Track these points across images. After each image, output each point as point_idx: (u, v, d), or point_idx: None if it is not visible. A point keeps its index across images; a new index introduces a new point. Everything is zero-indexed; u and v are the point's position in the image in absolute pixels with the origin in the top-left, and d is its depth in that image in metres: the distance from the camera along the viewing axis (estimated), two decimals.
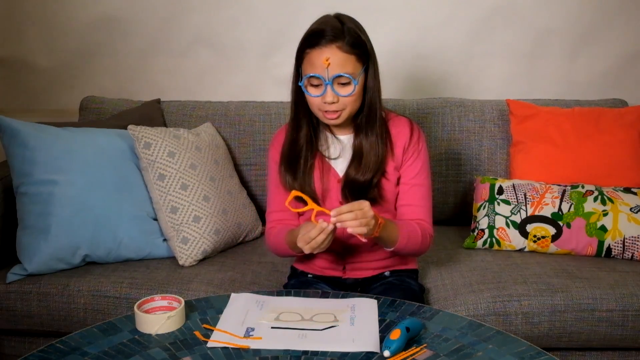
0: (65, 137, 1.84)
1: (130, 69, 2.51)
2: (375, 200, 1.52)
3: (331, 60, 1.40)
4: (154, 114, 2.19)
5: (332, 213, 1.34)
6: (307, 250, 1.38)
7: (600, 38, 2.38)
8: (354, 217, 1.33)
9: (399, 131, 1.56)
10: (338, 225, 1.34)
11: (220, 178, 1.96)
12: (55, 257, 1.74)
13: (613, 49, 2.40)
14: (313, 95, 1.45)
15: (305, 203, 1.41)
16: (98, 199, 1.79)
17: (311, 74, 1.43)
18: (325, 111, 1.46)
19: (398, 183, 1.57)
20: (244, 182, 2.14)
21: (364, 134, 1.52)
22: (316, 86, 1.45)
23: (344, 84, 1.43)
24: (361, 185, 1.51)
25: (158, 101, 2.28)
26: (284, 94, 2.44)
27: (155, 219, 1.88)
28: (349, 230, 1.34)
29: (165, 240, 1.87)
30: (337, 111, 1.45)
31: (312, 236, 1.36)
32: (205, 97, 2.38)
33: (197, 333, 1.22)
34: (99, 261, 1.82)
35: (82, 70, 2.52)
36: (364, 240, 1.37)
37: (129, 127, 1.87)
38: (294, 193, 1.41)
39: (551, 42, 2.39)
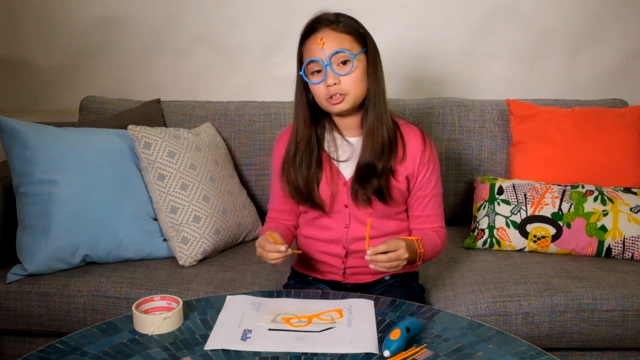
0: (65, 137, 1.84)
1: (130, 69, 2.51)
2: (383, 196, 1.50)
3: (325, 39, 1.41)
4: (154, 114, 2.19)
5: (368, 252, 1.34)
6: (257, 253, 1.45)
7: (600, 38, 2.38)
8: (388, 260, 1.35)
9: (411, 140, 1.53)
10: (371, 266, 1.36)
11: (220, 178, 1.96)
12: (55, 257, 1.74)
13: (613, 49, 2.40)
14: (315, 83, 1.44)
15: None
16: (98, 199, 1.79)
17: (309, 59, 1.43)
18: (330, 97, 1.44)
19: (408, 189, 1.55)
20: (244, 182, 2.14)
21: (371, 115, 1.49)
22: (318, 73, 1.44)
23: (342, 64, 1.43)
24: (373, 170, 1.48)
25: (158, 101, 2.28)
26: (284, 94, 2.44)
27: (155, 219, 1.88)
28: (374, 267, 1.36)
29: (165, 240, 1.87)
30: (341, 94, 1.43)
31: (267, 249, 1.42)
32: (205, 97, 2.38)
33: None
34: (99, 261, 1.82)
35: (82, 70, 2.52)
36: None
37: (129, 127, 1.87)
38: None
39: (551, 42, 2.39)
